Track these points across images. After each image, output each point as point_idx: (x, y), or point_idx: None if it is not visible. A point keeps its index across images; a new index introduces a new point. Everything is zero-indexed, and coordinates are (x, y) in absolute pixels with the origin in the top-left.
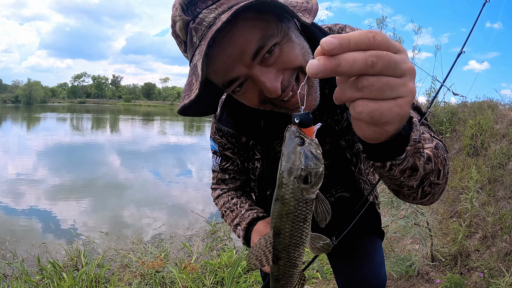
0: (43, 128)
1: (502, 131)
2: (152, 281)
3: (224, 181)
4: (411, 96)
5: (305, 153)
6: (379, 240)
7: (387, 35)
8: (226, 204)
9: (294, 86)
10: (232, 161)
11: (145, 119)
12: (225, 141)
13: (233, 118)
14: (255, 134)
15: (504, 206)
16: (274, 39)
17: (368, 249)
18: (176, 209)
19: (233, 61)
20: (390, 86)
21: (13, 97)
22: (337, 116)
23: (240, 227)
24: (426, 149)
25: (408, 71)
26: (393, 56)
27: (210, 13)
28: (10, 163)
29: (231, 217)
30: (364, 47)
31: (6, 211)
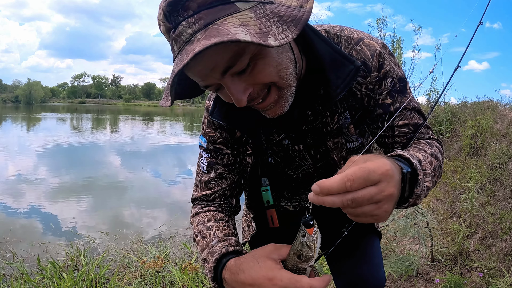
0: (43, 128)
1: (502, 131)
2: (152, 281)
3: (208, 183)
4: (385, 215)
5: (302, 242)
6: (377, 240)
7: (364, 175)
8: (199, 226)
9: (264, 96)
10: (223, 155)
11: (145, 119)
12: (218, 134)
13: (225, 111)
14: (247, 128)
15: (504, 206)
16: (245, 58)
17: (366, 249)
18: (176, 209)
19: (206, 73)
20: (366, 213)
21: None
22: (325, 118)
23: (207, 264)
24: (427, 183)
25: (383, 198)
26: (367, 194)
27: (187, 28)
28: (10, 163)
29: (201, 246)
30: (343, 192)
31: (6, 211)
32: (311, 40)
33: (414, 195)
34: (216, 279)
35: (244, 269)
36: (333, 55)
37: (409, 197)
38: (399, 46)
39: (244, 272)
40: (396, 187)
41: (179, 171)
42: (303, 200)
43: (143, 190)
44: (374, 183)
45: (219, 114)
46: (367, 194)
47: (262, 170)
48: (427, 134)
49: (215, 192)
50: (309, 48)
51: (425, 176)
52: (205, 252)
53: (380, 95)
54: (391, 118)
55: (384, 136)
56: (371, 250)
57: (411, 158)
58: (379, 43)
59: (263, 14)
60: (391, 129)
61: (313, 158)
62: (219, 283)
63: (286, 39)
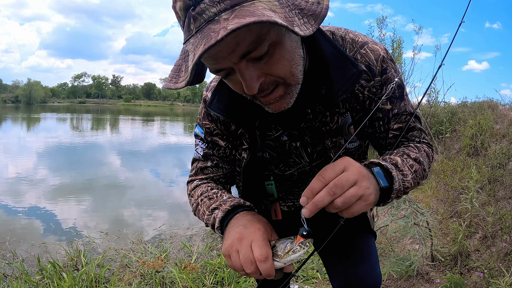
0: (43, 128)
1: (502, 131)
2: (152, 281)
3: (204, 169)
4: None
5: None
6: (372, 239)
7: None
8: (204, 194)
9: (271, 90)
10: (219, 147)
11: (145, 119)
12: (214, 126)
13: (223, 104)
14: (244, 122)
15: (504, 206)
16: (265, 45)
17: (362, 248)
18: (176, 209)
19: (223, 56)
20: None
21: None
22: (325, 118)
23: (218, 209)
24: (406, 182)
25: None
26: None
27: (211, 7)
28: (10, 163)
29: (207, 204)
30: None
31: (6, 211)
32: (317, 40)
33: (394, 190)
34: (223, 221)
35: (231, 234)
36: (337, 56)
37: (390, 193)
38: (399, 46)
39: (230, 236)
40: (371, 183)
41: (179, 171)
42: (297, 199)
43: (143, 190)
44: (342, 171)
45: (217, 107)
46: (343, 177)
47: (255, 165)
48: (418, 138)
49: (211, 177)
50: (314, 47)
51: (404, 177)
52: (215, 204)
53: (380, 99)
54: (389, 123)
55: (380, 138)
56: (366, 249)
57: (380, 161)
58: (382, 48)
59: (286, 4)
60: (386, 132)
61: (310, 156)
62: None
63: (308, 32)
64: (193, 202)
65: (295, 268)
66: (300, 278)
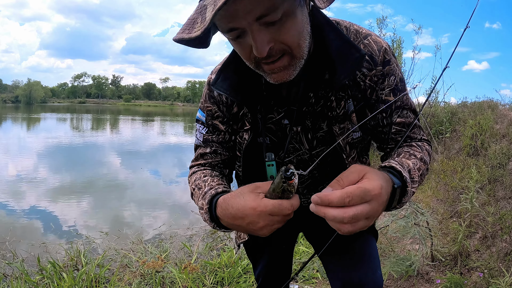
0: (43, 128)
1: (502, 131)
2: (152, 281)
3: (204, 155)
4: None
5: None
6: (373, 240)
7: (361, 194)
8: (196, 181)
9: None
10: (218, 131)
11: (145, 119)
12: (216, 108)
13: (227, 83)
14: (247, 101)
15: (504, 206)
16: (279, 12)
17: (363, 251)
18: (176, 209)
19: (238, 15)
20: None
21: (13, 97)
22: (331, 103)
23: (202, 210)
24: (413, 189)
25: (373, 215)
26: (364, 211)
27: None
28: (10, 163)
29: (197, 197)
30: (342, 205)
31: (6, 211)
32: (322, 25)
33: (401, 203)
34: (213, 219)
35: (232, 204)
36: (341, 42)
37: (396, 205)
38: (399, 46)
39: (232, 207)
40: (383, 206)
41: (179, 171)
42: None
43: (143, 190)
44: (367, 201)
45: (221, 85)
46: (364, 211)
47: (256, 146)
48: (419, 135)
49: (209, 163)
50: (319, 32)
51: (412, 183)
52: (200, 200)
53: (383, 90)
54: (391, 116)
55: (382, 132)
56: (367, 252)
57: (402, 172)
58: (385, 42)
59: None
60: (389, 126)
61: (310, 142)
62: (217, 223)
63: (324, 5)
64: (190, 189)
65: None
66: (300, 278)
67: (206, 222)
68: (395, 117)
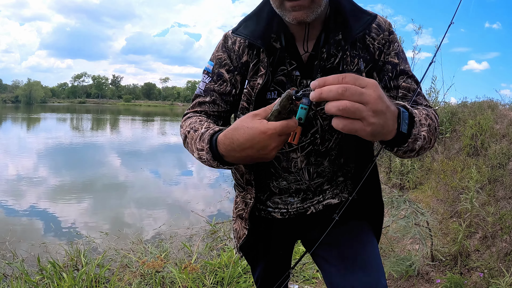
0: (43, 129)
1: (502, 131)
2: (152, 281)
3: (202, 104)
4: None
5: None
6: (376, 245)
7: (355, 77)
8: (191, 124)
9: None
10: (222, 81)
11: (145, 119)
12: (226, 56)
13: (249, 30)
14: (266, 46)
15: (504, 206)
16: None
17: (365, 257)
18: (176, 209)
19: None
20: (356, 110)
21: (13, 97)
22: (345, 57)
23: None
24: (423, 132)
25: (370, 100)
26: (358, 89)
27: None
28: (10, 163)
29: (193, 139)
30: (337, 83)
31: (6, 211)
32: None
33: (412, 135)
34: (216, 158)
35: (237, 137)
36: (353, 8)
37: (408, 137)
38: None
39: (238, 139)
40: (384, 107)
41: (179, 171)
42: (291, 206)
43: (143, 190)
44: (362, 86)
45: (242, 31)
46: (358, 89)
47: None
48: (425, 101)
49: (206, 111)
50: (334, 1)
51: (420, 125)
52: (198, 142)
53: (389, 54)
54: (397, 78)
55: (389, 96)
56: (370, 258)
57: (406, 105)
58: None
59: None
60: (396, 90)
61: None
62: (221, 161)
63: None
64: (182, 133)
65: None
66: (300, 278)
67: (208, 162)
68: (401, 81)
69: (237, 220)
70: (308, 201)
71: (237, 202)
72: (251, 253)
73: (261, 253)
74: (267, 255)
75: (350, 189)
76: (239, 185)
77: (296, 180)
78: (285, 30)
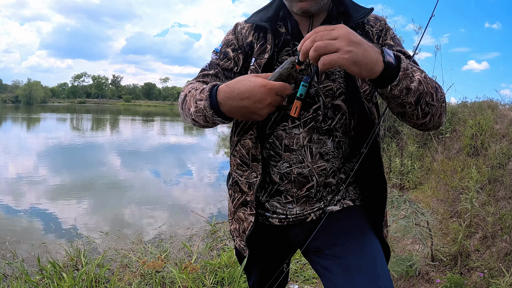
0: (43, 129)
1: (502, 131)
2: (152, 281)
3: (206, 76)
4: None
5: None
6: (383, 256)
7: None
8: (193, 85)
9: None
10: (227, 58)
11: (145, 119)
12: (233, 37)
13: (259, 16)
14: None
15: (504, 206)
16: None
17: (369, 268)
18: (177, 209)
19: None
20: (328, 44)
21: (13, 97)
22: None
23: (203, 100)
24: (416, 75)
25: (339, 35)
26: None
27: None
28: (10, 163)
29: (193, 95)
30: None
31: (6, 211)
32: None
33: (401, 68)
34: (213, 107)
35: (238, 86)
36: (353, 4)
37: (398, 70)
38: None
39: (239, 88)
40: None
41: (179, 171)
42: (290, 212)
43: (143, 190)
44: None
45: (252, 19)
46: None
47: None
48: None
49: (207, 82)
50: None
51: (411, 66)
52: (197, 95)
53: (386, 39)
54: None
55: None
56: (375, 268)
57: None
58: None
59: None
60: None
61: (319, 76)
62: (216, 110)
63: None
64: (182, 94)
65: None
66: (300, 278)
67: (203, 112)
68: None
69: (236, 213)
70: (308, 207)
71: (234, 194)
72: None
73: (256, 259)
74: (262, 261)
75: (353, 196)
76: (243, 163)
77: (298, 160)
78: (290, 17)
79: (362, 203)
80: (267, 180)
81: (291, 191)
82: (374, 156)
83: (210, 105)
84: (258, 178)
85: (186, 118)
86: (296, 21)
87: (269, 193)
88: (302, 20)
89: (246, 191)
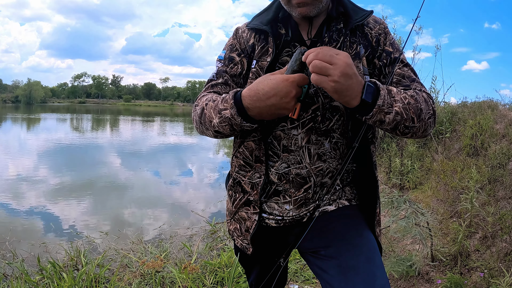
0: (43, 129)
1: (502, 131)
2: (152, 281)
3: (215, 86)
4: (336, 77)
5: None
6: (379, 255)
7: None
8: (209, 97)
9: None
10: (233, 64)
11: (145, 119)
12: (236, 41)
13: (259, 20)
14: (272, 30)
15: (504, 206)
16: None
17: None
18: (176, 209)
19: None
20: (323, 67)
21: (13, 97)
22: (344, 43)
23: (228, 109)
24: (395, 107)
25: (337, 64)
26: (330, 53)
27: None
28: (11, 163)
29: (212, 107)
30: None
31: (6, 211)
32: None
33: (376, 105)
34: (241, 113)
35: (262, 87)
36: (353, 6)
37: (372, 107)
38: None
39: (263, 89)
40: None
41: (180, 171)
42: (286, 214)
43: (144, 190)
44: (335, 53)
45: (253, 23)
46: (330, 53)
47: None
48: (420, 86)
49: (218, 92)
50: None
51: (393, 100)
52: (219, 105)
53: (385, 44)
54: (391, 63)
55: (384, 82)
56: (372, 269)
57: (377, 82)
58: None
59: None
60: (391, 75)
61: None
62: (244, 116)
63: None
64: (198, 109)
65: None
66: (300, 278)
67: (230, 120)
68: (396, 68)
69: (238, 213)
70: (304, 207)
71: (235, 195)
72: (246, 258)
73: (255, 258)
74: (261, 260)
75: (349, 196)
76: (246, 164)
77: (297, 161)
78: (290, 19)
79: (358, 203)
80: (266, 181)
81: (289, 191)
82: (366, 154)
83: (237, 112)
84: (261, 178)
85: (207, 131)
86: (296, 22)
87: (267, 194)
88: (302, 21)
89: (249, 191)
